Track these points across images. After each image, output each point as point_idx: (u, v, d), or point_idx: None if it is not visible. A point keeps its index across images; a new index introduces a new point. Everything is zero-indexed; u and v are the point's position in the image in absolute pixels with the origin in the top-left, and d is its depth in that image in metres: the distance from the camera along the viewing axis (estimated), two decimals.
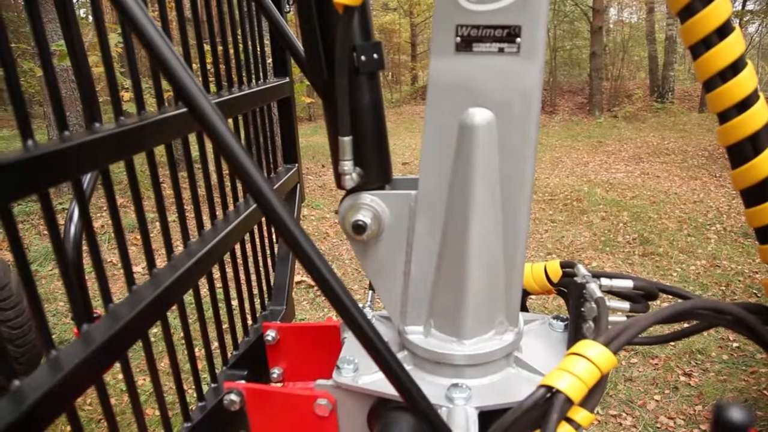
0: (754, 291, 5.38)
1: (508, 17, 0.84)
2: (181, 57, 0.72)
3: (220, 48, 1.43)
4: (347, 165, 0.93)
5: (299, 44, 1.31)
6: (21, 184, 0.74)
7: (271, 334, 1.35)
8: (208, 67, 1.35)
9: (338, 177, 0.96)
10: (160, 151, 1.14)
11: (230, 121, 1.46)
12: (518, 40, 0.85)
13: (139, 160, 1.08)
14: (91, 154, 0.88)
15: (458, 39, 0.86)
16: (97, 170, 0.92)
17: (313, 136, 13.02)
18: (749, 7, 21.97)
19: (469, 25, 0.86)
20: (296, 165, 1.95)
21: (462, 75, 0.88)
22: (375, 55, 0.92)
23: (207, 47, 1.38)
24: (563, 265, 1.24)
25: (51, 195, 0.80)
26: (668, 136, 13.80)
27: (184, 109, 1.15)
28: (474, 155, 0.90)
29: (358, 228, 0.96)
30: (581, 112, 18.60)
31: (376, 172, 0.99)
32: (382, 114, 0.99)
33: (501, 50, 0.86)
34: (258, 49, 1.66)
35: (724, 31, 0.84)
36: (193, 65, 1.35)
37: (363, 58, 0.90)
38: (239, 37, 1.55)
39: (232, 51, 1.47)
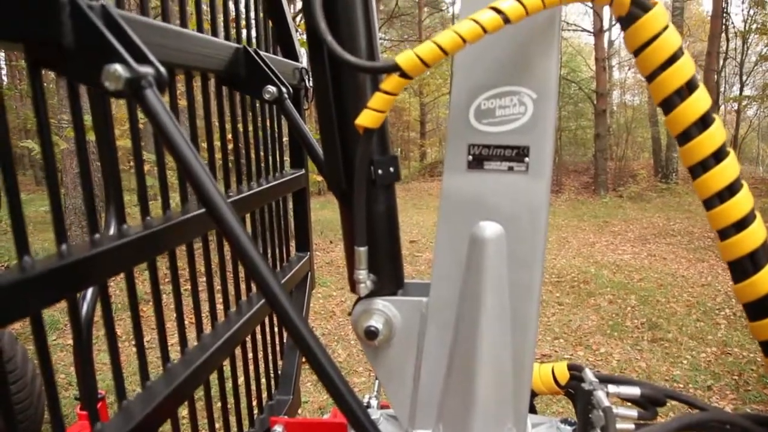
0: None
1: (517, 138, 0.90)
2: (205, 164, 0.78)
3: (241, 142, 1.51)
4: (362, 274, 0.97)
5: (317, 145, 1.38)
6: (51, 292, 0.78)
7: (278, 430, 1.34)
8: (229, 158, 1.43)
9: (353, 284, 1.00)
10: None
11: (249, 214, 1.52)
12: (527, 159, 0.91)
13: None
14: (118, 258, 0.92)
15: (470, 157, 0.92)
16: (124, 272, 0.96)
17: (322, 211, 13.20)
18: (746, 92, 22.65)
19: (480, 145, 0.92)
20: (308, 253, 1.99)
21: (473, 190, 0.93)
22: (391, 169, 0.97)
23: (227, 139, 1.46)
24: (570, 368, 1.25)
25: None
26: (673, 216, 13.88)
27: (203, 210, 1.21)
28: (484, 266, 0.93)
29: (371, 334, 0.99)
30: (587, 192, 18.82)
31: (389, 279, 1.03)
32: (397, 223, 1.04)
33: (510, 168, 0.91)
34: (277, 145, 1.74)
35: (716, 156, 0.90)
36: (218, 156, 1.41)
37: (380, 171, 0.96)
38: (260, 134, 1.63)
39: (252, 147, 1.55)
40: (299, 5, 11.85)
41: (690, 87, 0.89)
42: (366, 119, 0.85)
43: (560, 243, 11.25)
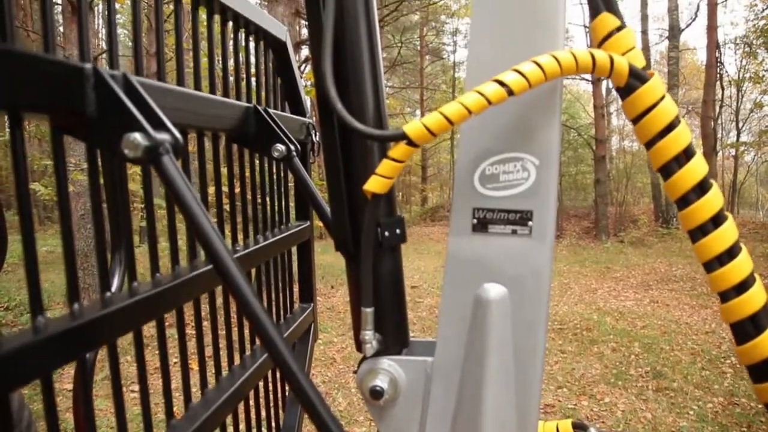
0: None
1: (520, 203, 0.93)
2: (215, 225, 0.80)
3: (248, 196, 1.54)
4: (368, 334, 0.98)
5: (323, 201, 1.41)
6: (64, 353, 0.79)
7: None
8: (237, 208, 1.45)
9: (359, 344, 1.01)
10: None
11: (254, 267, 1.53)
12: (530, 223, 0.93)
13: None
14: (130, 316, 0.94)
15: (475, 220, 0.94)
16: (133, 331, 0.98)
17: (323, 255, 13.18)
18: (743, 138, 22.96)
19: (485, 209, 0.94)
20: (312, 304, 2.00)
21: (478, 253, 0.95)
22: (398, 230, 1.00)
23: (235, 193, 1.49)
24: (575, 426, 1.25)
25: None
26: (675, 262, 13.85)
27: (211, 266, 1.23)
28: (488, 328, 0.95)
29: (376, 393, 1.00)
30: (588, 237, 18.85)
31: (394, 338, 1.04)
32: (402, 283, 1.05)
33: (514, 232, 0.94)
34: (283, 198, 1.77)
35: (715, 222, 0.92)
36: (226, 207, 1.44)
37: (387, 233, 0.98)
38: (267, 188, 1.66)
39: (260, 201, 1.58)
40: (304, 51, 12.14)
41: (687, 154, 0.92)
42: (374, 185, 0.88)
43: (562, 289, 11.21)
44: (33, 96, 0.74)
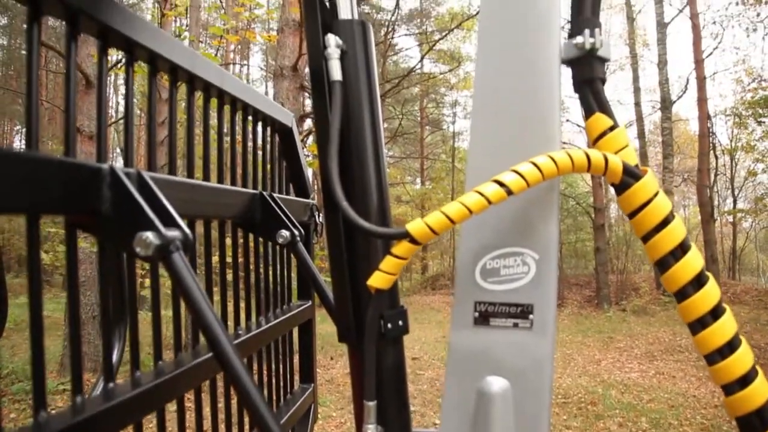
0: None
1: (521, 297, 0.95)
2: (219, 320, 0.82)
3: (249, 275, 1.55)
4: (370, 428, 0.98)
5: (326, 287, 1.43)
6: None
7: None
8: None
9: None
10: None
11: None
12: (531, 316, 0.95)
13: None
14: (131, 408, 0.94)
15: (476, 314, 0.96)
16: (134, 423, 0.97)
17: (322, 324, 13.02)
18: (740, 205, 23.19)
19: (486, 302, 0.96)
20: (312, 385, 1.98)
21: (480, 346, 0.97)
22: (400, 322, 1.01)
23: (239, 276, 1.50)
24: None
25: None
26: (679, 331, 13.65)
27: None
28: (491, 421, 0.95)
29: None
30: (590, 305, 18.66)
31: (397, 431, 1.03)
32: (405, 375, 1.06)
33: (516, 325, 0.95)
34: (285, 279, 1.79)
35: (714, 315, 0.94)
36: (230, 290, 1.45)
37: (389, 325, 1.00)
38: (270, 270, 1.68)
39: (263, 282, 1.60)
40: (308, 122, 12.45)
41: (683, 248, 0.94)
42: (377, 281, 0.90)
43: (565, 360, 11.01)
44: (53, 198, 0.77)
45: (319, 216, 1.90)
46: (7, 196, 0.69)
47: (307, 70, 9.37)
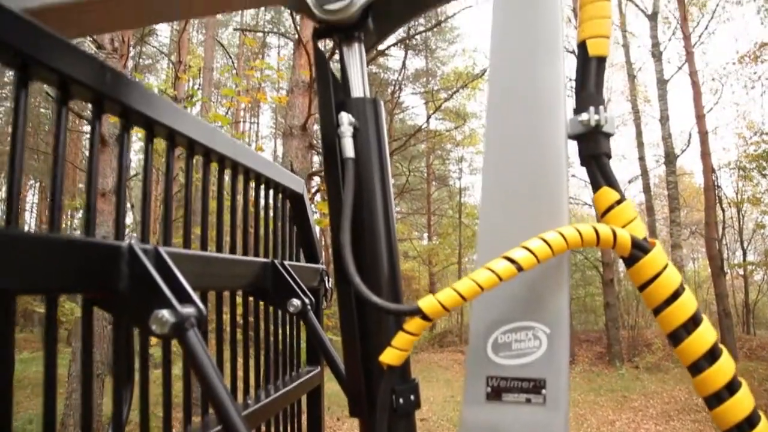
0: None
1: (533, 371, 0.94)
2: (231, 397, 0.82)
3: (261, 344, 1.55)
4: None
5: (337, 356, 1.42)
6: None
7: None
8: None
9: None
10: None
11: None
12: (543, 391, 0.94)
13: None
14: None
15: (489, 389, 0.95)
16: None
17: (328, 383, 12.80)
18: (750, 258, 22.97)
19: (498, 377, 0.95)
20: None
21: (492, 422, 0.95)
22: (412, 397, 1.00)
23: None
24: None
25: None
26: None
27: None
28: None
29: None
30: (601, 363, 18.26)
31: None
32: None
33: (528, 400, 0.94)
34: (295, 346, 1.78)
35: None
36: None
37: (401, 401, 0.99)
38: (280, 337, 1.68)
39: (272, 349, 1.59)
40: (316, 179, 12.59)
41: (695, 321, 0.94)
42: (389, 357, 0.90)
43: (578, 421, 10.70)
44: (71, 278, 0.79)
45: (328, 281, 1.91)
46: (30, 278, 0.71)
47: (315, 127, 9.57)
